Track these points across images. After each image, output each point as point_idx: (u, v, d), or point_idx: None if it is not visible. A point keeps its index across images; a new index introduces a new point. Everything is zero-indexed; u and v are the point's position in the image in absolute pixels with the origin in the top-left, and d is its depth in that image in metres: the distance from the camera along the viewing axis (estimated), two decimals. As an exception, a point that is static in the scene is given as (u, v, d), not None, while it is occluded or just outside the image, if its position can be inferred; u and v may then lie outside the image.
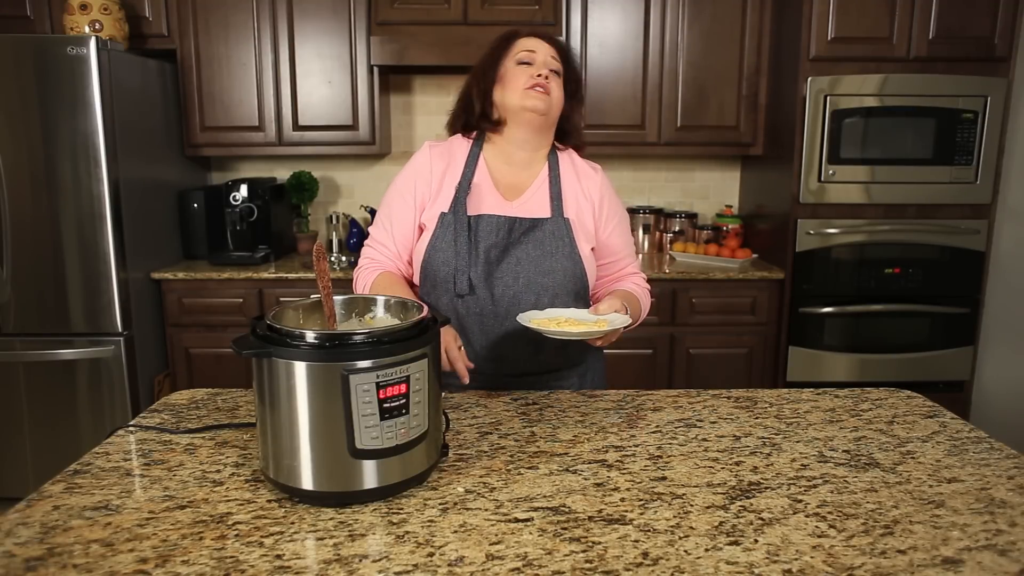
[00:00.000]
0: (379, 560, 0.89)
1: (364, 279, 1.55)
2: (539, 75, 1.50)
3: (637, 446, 1.24)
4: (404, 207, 1.56)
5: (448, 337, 1.36)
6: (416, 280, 1.56)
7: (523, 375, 1.54)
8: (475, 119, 1.58)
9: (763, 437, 1.28)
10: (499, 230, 1.50)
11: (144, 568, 0.87)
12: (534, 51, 1.52)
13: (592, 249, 1.57)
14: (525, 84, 1.50)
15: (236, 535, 0.94)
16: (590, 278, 1.55)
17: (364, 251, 1.61)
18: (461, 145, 1.59)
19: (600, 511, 1.01)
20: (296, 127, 3.23)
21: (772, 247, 3.21)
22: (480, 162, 1.57)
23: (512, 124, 1.55)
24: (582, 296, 1.55)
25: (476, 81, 1.57)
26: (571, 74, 1.57)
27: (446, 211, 1.51)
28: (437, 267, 1.49)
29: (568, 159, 1.60)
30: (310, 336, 0.99)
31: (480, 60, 1.58)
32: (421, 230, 1.55)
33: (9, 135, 2.66)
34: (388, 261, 1.58)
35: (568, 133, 1.61)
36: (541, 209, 1.54)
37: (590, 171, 1.60)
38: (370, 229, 1.62)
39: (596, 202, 1.57)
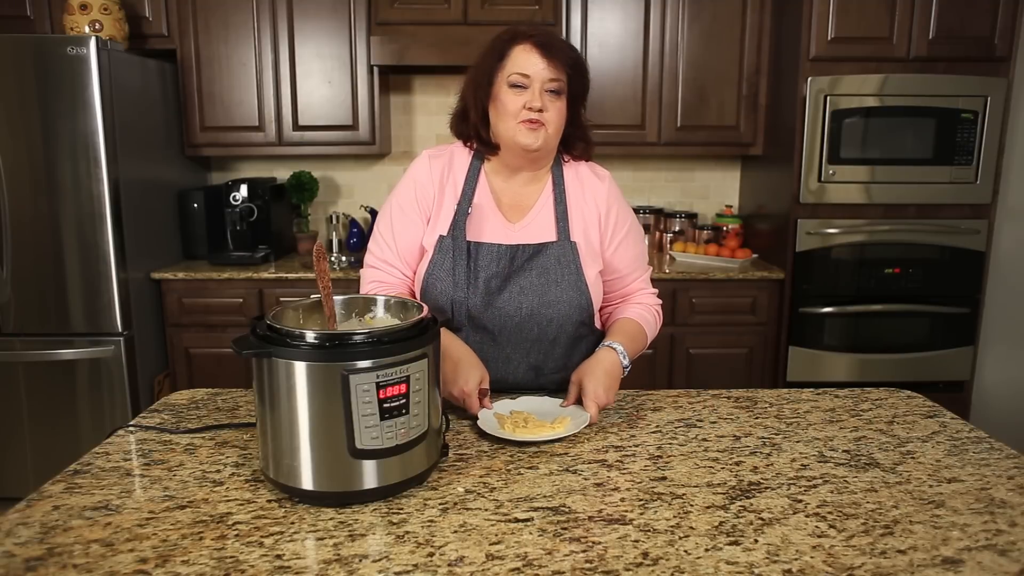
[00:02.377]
0: (379, 560, 0.89)
1: None
2: (532, 107, 1.36)
3: (637, 446, 1.24)
4: (406, 221, 1.48)
5: (473, 376, 1.32)
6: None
7: (523, 391, 1.48)
8: (472, 133, 1.48)
9: (763, 437, 1.28)
10: (500, 259, 1.43)
11: (144, 568, 0.87)
12: (528, 74, 1.37)
13: (600, 272, 1.50)
14: (517, 116, 1.37)
15: (236, 535, 0.94)
16: (595, 304, 1.48)
17: (367, 273, 1.52)
18: (461, 157, 1.51)
19: (600, 511, 1.01)
20: (296, 127, 3.23)
21: (772, 247, 3.21)
22: (481, 178, 1.48)
23: (506, 152, 1.45)
24: (587, 323, 1.49)
25: (471, 91, 1.45)
26: (578, 85, 1.43)
27: (445, 234, 1.44)
28: (436, 295, 1.43)
29: (574, 171, 1.51)
30: (310, 336, 0.99)
31: (475, 65, 1.45)
32: (425, 250, 1.48)
33: (9, 135, 2.66)
34: (396, 280, 1.50)
35: (574, 139, 1.50)
36: (546, 231, 1.46)
37: (595, 180, 1.50)
38: (370, 246, 1.53)
39: (603, 212, 1.48)
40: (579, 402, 1.35)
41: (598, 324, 1.57)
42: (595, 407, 1.31)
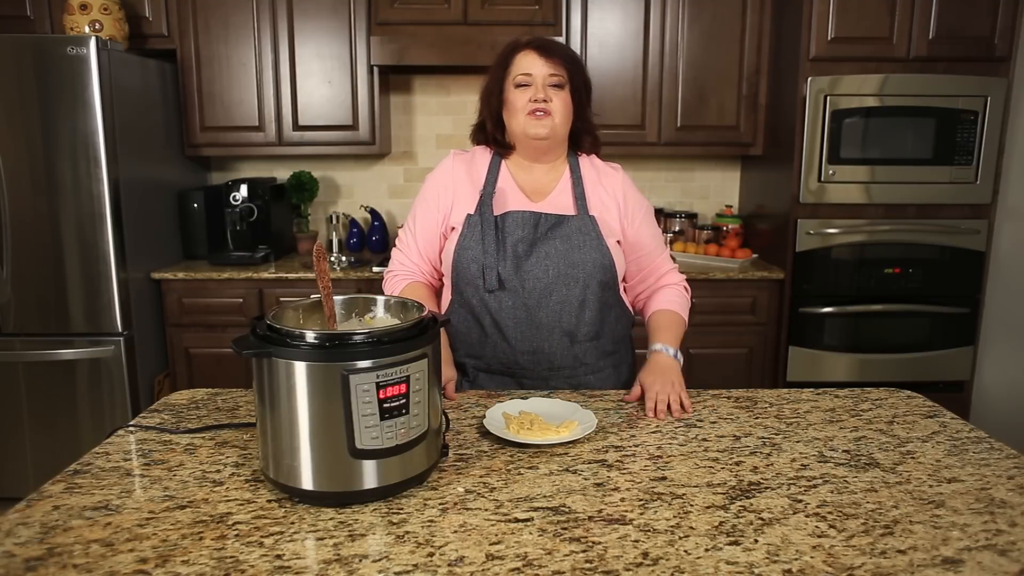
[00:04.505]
0: (379, 560, 0.89)
1: (392, 287, 1.65)
2: (536, 99, 1.50)
3: (637, 446, 1.24)
4: (427, 214, 1.61)
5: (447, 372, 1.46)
6: (447, 282, 1.62)
7: (560, 368, 1.57)
8: (490, 140, 1.62)
9: (763, 437, 1.28)
10: (525, 225, 1.53)
11: (144, 568, 0.87)
12: (530, 73, 1.52)
13: (618, 243, 1.59)
14: (525, 109, 1.52)
15: (236, 535, 0.94)
16: (619, 269, 1.58)
17: (393, 253, 1.69)
18: (483, 155, 1.64)
19: (600, 511, 1.01)
20: (296, 127, 3.23)
21: (772, 247, 3.21)
22: (503, 169, 1.61)
23: (521, 147, 1.59)
24: (611, 286, 1.57)
25: (485, 103, 1.61)
26: (579, 80, 1.56)
27: (472, 213, 1.55)
28: (467, 264, 1.53)
29: (588, 161, 1.64)
30: (310, 336, 0.99)
31: (486, 81, 1.60)
32: (444, 237, 1.61)
33: (9, 135, 2.66)
34: (415, 267, 1.65)
35: (581, 134, 1.62)
36: (566, 208, 1.57)
37: (610, 171, 1.63)
38: (399, 231, 1.69)
39: (620, 201, 1.60)
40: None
41: (623, 294, 1.67)
42: (654, 403, 1.39)
